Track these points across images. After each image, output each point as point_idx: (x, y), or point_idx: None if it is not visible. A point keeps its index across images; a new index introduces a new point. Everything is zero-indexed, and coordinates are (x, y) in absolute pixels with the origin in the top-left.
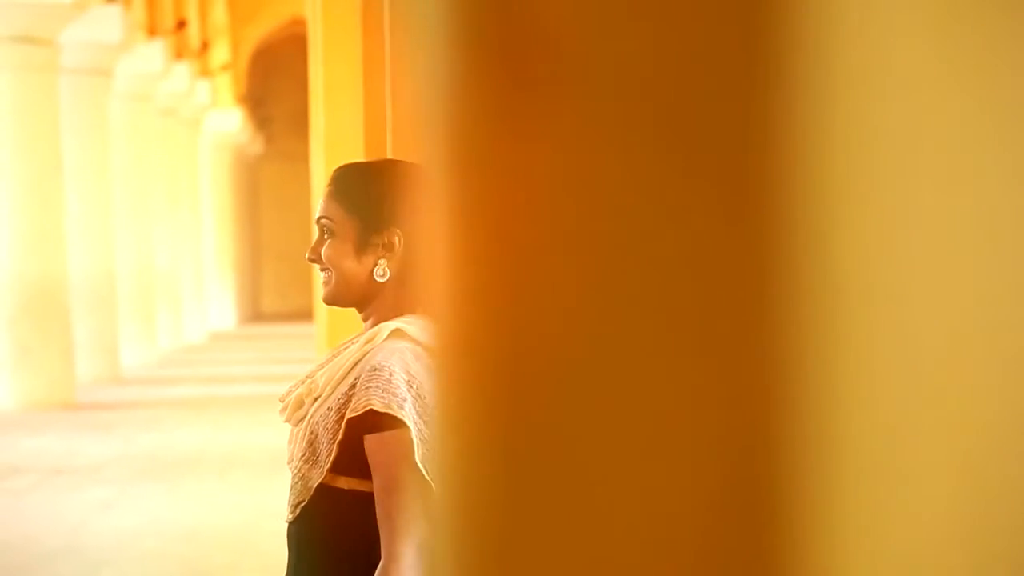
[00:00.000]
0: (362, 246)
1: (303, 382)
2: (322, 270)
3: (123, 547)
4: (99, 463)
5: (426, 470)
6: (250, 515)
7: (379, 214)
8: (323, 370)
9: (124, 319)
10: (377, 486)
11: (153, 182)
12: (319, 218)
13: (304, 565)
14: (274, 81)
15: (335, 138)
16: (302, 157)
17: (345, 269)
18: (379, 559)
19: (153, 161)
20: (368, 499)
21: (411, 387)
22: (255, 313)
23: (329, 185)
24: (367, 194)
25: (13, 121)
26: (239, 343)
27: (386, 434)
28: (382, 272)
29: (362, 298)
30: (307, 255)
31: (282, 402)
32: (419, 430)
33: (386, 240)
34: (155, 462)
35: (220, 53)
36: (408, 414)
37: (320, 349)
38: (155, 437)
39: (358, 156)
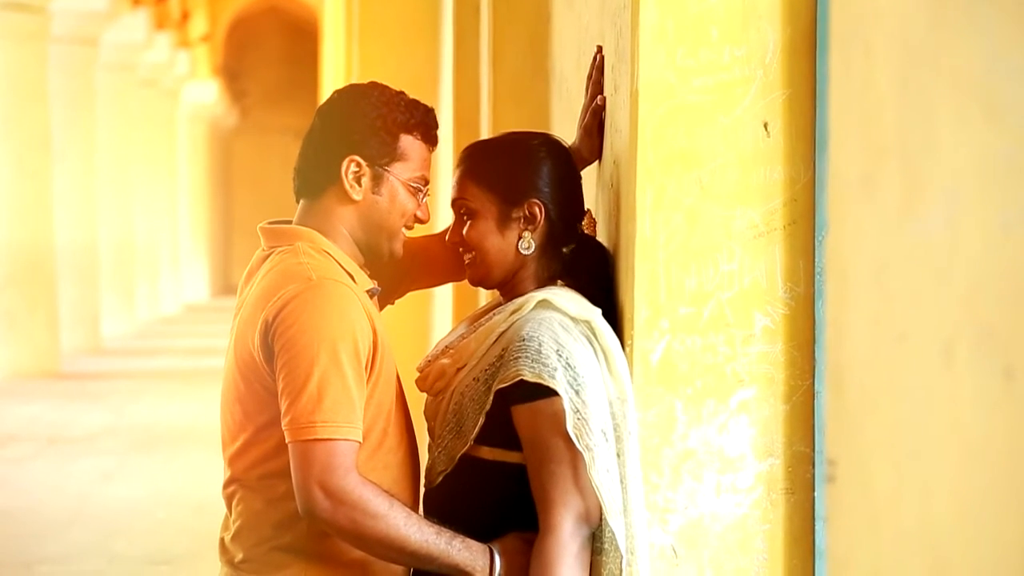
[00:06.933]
0: (504, 221)
1: (443, 352)
2: (464, 252)
3: (132, 517)
4: (93, 433)
5: (578, 439)
6: None
7: (516, 187)
8: (466, 341)
9: (104, 289)
10: (530, 457)
11: (133, 153)
12: (455, 200)
13: None
14: (250, 54)
15: None
16: (276, 130)
17: (489, 247)
18: (518, 528)
19: (134, 132)
20: (510, 469)
21: (560, 356)
22: (226, 286)
23: (460, 165)
24: (501, 169)
25: (4, 90)
26: (213, 315)
27: (537, 404)
28: (527, 245)
29: (509, 274)
30: (447, 239)
31: (420, 372)
32: (571, 399)
33: (527, 212)
34: (148, 434)
35: (199, 24)
36: (560, 383)
37: None
38: (144, 408)
39: None
